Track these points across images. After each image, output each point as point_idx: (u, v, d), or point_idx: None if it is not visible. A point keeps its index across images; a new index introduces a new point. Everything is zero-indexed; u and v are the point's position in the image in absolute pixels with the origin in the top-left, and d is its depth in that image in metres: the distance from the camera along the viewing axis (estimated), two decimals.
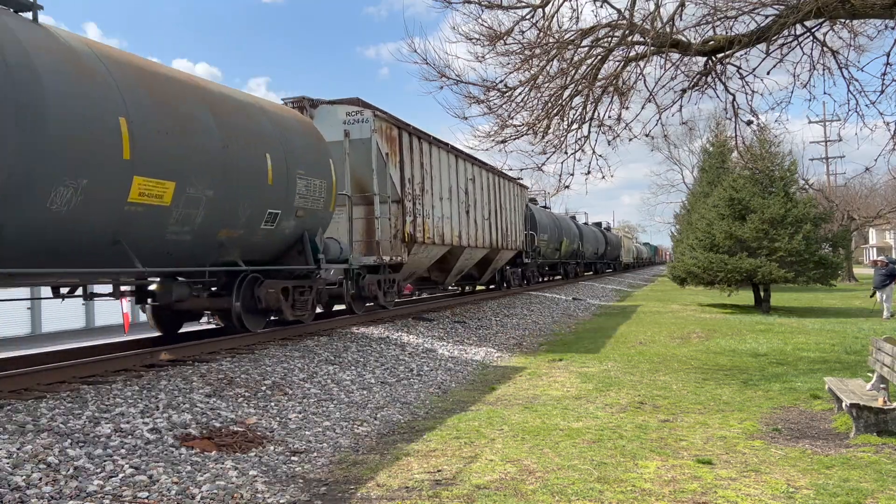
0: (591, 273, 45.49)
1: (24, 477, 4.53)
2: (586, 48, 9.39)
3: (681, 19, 8.88)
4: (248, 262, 9.96)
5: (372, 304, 14.23)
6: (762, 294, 21.99)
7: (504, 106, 9.73)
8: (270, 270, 10.44)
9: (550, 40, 9.14)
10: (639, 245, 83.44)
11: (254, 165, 9.36)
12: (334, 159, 11.73)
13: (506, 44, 9.42)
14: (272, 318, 11.05)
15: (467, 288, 24.52)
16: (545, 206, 33.66)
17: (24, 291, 8.74)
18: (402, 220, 13.99)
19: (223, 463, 5.45)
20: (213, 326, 11.75)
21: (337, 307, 14.57)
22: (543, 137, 9.91)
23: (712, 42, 9.31)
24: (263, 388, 7.77)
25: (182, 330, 11.21)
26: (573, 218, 40.59)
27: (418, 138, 15.32)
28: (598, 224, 50.55)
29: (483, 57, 9.57)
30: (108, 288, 8.79)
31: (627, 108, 9.98)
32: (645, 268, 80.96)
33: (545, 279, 33.80)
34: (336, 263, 11.67)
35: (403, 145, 14.35)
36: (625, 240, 62.97)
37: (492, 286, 24.84)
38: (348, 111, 13.59)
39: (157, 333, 10.92)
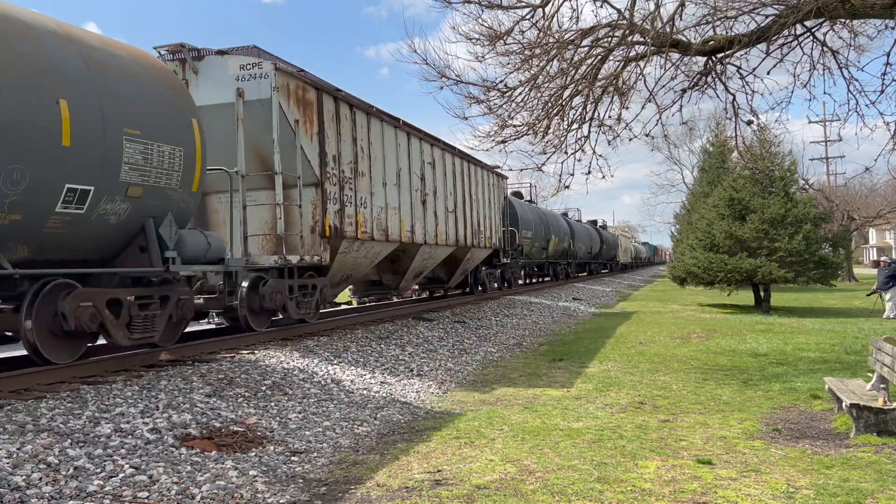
0: (584, 274, 43.40)
1: (24, 477, 4.53)
2: (586, 48, 9.39)
3: (681, 19, 8.89)
4: (54, 263, 7.29)
5: (279, 317, 11.42)
6: (762, 294, 21.99)
7: (504, 106, 9.74)
8: (87, 274, 7.60)
9: (550, 40, 9.14)
10: (637, 244, 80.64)
11: (30, 116, 6.37)
12: (203, 121, 8.69)
13: (506, 44, 9.43)
14: (90, 343, 7.98)
15: (436, 293, 21.28)
16: (530, 201, 31.08)
17: None
18: (321, 210, 11.08)
19: (223, 463, 5.45)
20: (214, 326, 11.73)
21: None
22: (543, 137, 9.92)
23: (712, 42, 9.31)
24: (263, 388, 7.77)
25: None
26: (564, 215, 38.04)
27: (349, 106, 12.14)
28: (594, 222, 48.70)
29: (483, 57, 9.58)
30: None
31: (627, 108, 9.99)
32: (644, 268, 79.37)
33: (532, 281, 31.83)
34: (204, 264, 8.88)
35: (325, 113, 11.29)
36: (622, 238, 61.19)
37: (466, 289, 21.93)
38: (243, 63, 10.50)
39: None
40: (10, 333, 7.66)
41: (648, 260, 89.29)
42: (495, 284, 23.48)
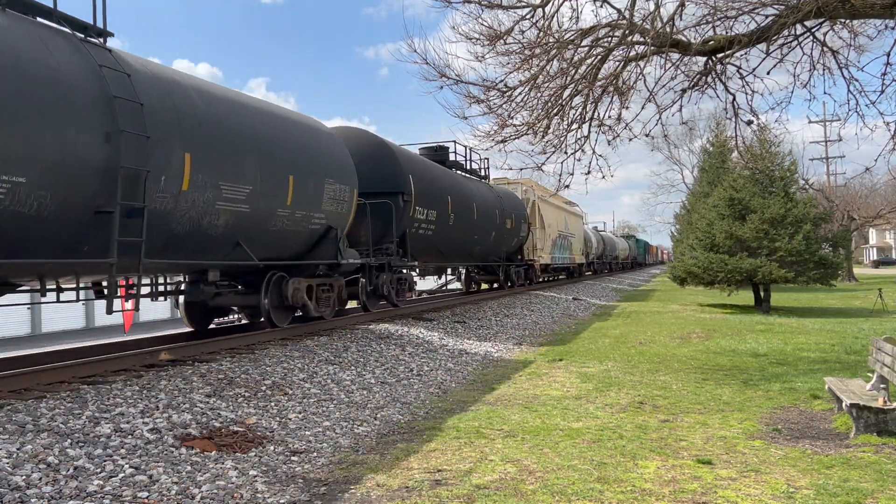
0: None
1: (24, 477, 4.53)
2: (586, 48, 9.38)
3: (681, 19, 8.88)
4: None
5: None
6: (762, 294, 21.99)
7: (504, 106, 9.73)
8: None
9: (550, 40, 9.13)
10: (608, 236, 55.94)
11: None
12: None
13: (506, 43, 9.42)
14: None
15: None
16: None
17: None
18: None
19: (223, 463, 5.45)
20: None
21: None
22: (543, 137, 9.91)
23: (712, 42, 9.31)
24: (263, 388, 7.77)
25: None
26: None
27: None
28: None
29: (483, 57, 9.57)
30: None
31: (627, 108, 9.98)
32: (625, 272, 59.30)
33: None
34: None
35: None
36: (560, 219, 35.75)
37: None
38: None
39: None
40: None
41: (632, 261, 68.52)
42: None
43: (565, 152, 10.10)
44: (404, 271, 15.63)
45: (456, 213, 17.19)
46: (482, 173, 21.83)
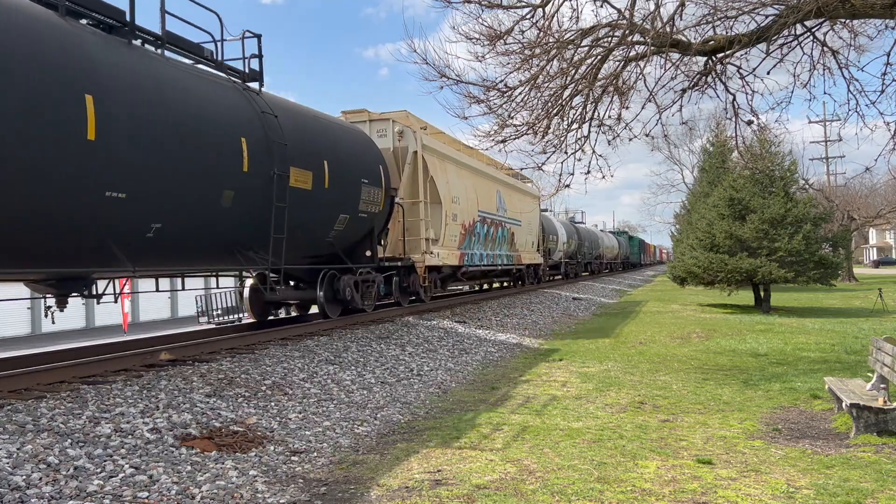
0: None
1: (24, 477, 4.53)
2: (586, 48, 9.37)
3: (681, 19, 8.87)
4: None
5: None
6: (762, 294, 21.99)
7: (504, 106, 9.72)
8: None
9: (550, 40, 9.13)
10: (589, 230, 45.77)
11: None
12: None
13: (506, 43, 9.41)
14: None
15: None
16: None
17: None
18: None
19: (223, 463, 5.45)
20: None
21: None
22: (543, 137, 9.90)
23: (712, 42, 9.30)
24: (263, 388, 7.77)
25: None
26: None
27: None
28: None
29: (483, 57, 9.56)
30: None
31: (627, 107, 9.96)
32: (613, 274, 50.78)
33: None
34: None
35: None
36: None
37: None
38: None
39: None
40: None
41: (624, 260, 59.53)
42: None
43: (565, 152, 10.09)
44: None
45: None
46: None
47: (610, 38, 9.32)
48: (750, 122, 10.38)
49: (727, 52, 9.35)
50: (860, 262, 79.98)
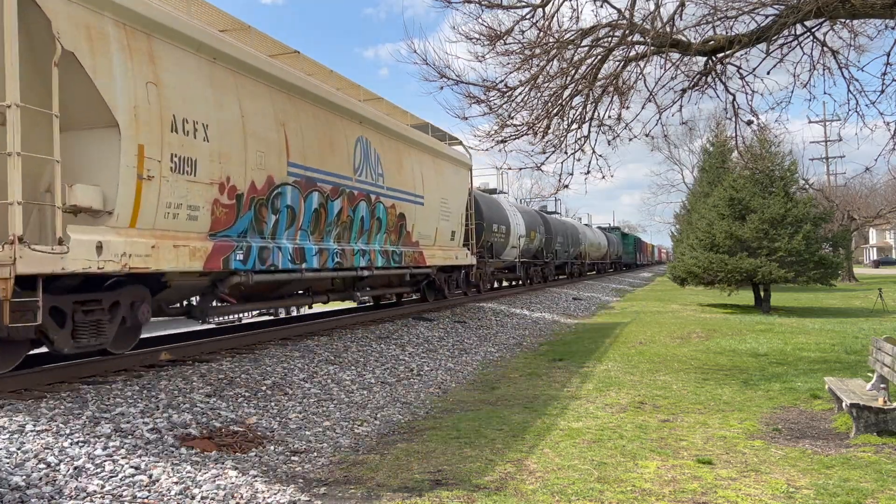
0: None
1: (24, 477, 4.53)
2: (586, 48, 9.37)
3: (681, 19, 8.87)
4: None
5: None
6: (762, 294, 21.99)
7: (504, 106, 9.72)
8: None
9: (550, 40, 9.12)
10: (566, 222, 36.49)
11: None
12: None
13: (506, 43, 9.41)
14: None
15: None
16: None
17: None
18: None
19: (223, 463, 5.45)
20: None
21: None
22: (543, 137, 9.90)
23: (712, 42, 9.30)
24: (263, 387, 7.77)
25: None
26: None
27: None
28: None
29: (483, 57, 9.56)
30: None
31: (627, 107, 9.96)
32: (597, 277, 43.14)
33: None
34: None
35: None
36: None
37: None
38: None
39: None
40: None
41: (616, 260, 52.81)
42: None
43: (565, 152, 10.09)
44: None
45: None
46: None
47: (610, 38, 9.32)
48: (750, 122, 10.39)
49: (727, 52, 9.35)
50: (860, 262, 79.98)
